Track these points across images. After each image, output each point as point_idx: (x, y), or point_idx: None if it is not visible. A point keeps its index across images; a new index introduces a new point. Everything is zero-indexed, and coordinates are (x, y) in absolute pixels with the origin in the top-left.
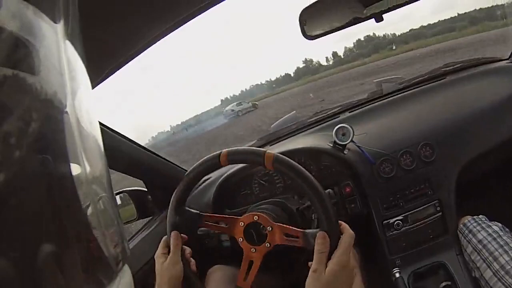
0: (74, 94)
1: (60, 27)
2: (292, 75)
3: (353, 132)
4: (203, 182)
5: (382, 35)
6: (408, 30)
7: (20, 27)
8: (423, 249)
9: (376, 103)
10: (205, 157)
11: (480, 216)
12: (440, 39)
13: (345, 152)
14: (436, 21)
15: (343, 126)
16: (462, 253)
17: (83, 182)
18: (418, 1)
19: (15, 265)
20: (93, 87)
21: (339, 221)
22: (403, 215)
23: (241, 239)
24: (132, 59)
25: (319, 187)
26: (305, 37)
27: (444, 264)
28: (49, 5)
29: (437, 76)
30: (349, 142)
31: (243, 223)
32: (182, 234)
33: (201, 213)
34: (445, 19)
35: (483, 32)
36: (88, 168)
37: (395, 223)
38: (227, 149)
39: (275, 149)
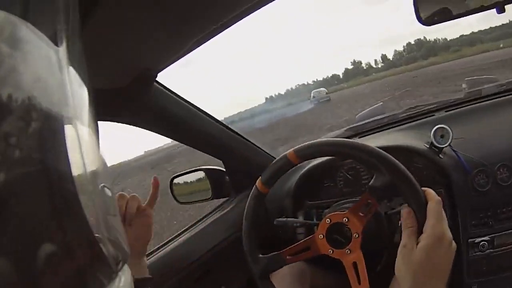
0: (74, 96)
1: (60, 31)
2: (340, 76)
3: (453, 134)
4: None
5: (432, 39)
6: (458, 36)
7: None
8: (504, 277)
9: (474, 105)
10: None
11: None
12: None
13: (441, 156)
14: (487, 27)
15: (443, 127)
16: None
17: (83, 182)
18: None
19: (15, 265)
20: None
21: (423, 188)
22: (490, 236)
23: (331, 251)
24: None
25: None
26: (420, 22)
27: None
28: (47, 16)
29: None
30: (447, 145)
31: (322, 236)
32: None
33: (277, 253)
34: (496, 26)
35: None
36: (88, 169)
37: (480, 243)
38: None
39: (366, 143)
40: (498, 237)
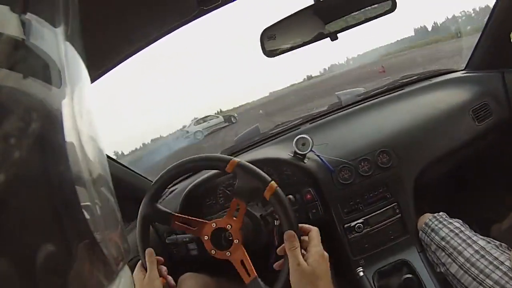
0: (74, 94)
1: (60, 30)
2: None
3: (312, 142)
4: (170, 193)
5: None
6: None
7: (20, 32)
8: (385, 249)
9: (336, 115)
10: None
11: (441, 213)
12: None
13: (305, 161)
14: None
15: (303, 137)
16: (424, 250)
17: (84, 182)
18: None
19: (15, 265)
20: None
21: (301, 224)
22: (364, 218)
23: (214, 251)
24: (128, 58)
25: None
26: (265, 54)
27: (407, 262)
28: (49, 10)
29: (395, 88)
30: (308, 152)
31: (207, 237)
32: (157, 257)
33: (172, 212)
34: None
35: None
36: (88, 169)
37: (356, 226)
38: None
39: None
40: (371, 218)
